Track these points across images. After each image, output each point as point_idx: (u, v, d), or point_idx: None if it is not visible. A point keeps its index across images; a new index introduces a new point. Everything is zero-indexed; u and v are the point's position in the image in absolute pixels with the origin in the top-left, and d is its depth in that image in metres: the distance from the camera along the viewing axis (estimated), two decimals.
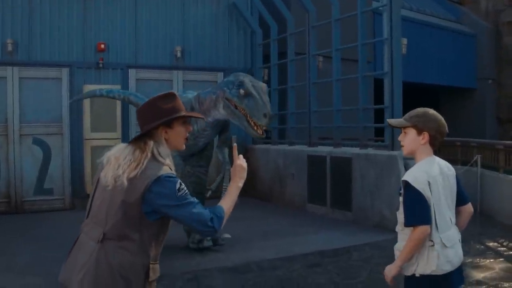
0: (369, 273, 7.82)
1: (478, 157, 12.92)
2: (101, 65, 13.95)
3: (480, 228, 11.40)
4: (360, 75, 12.05)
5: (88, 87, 13.53)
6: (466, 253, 8.71)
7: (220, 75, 15.53)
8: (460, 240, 3.85)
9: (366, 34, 12.42)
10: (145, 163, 3.07)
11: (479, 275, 7.69)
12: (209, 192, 9.23)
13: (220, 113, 8.31)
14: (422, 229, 3.55)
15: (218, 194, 9.06)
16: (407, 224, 3.63)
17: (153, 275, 3.21)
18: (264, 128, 8.00)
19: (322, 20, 13.41)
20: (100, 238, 3.07)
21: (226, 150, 9.29)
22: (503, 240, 9.94)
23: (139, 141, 3.18)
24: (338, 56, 12.82)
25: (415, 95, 25.73)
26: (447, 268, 3.64)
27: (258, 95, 7.90)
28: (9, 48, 12.99)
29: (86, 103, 13.52)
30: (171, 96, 3.30)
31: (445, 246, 3.62)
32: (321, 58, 14.04)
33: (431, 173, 3.66)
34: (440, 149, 15.53)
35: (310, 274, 7.85)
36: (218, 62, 15.61)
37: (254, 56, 16.05)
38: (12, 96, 13.09)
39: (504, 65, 27.33)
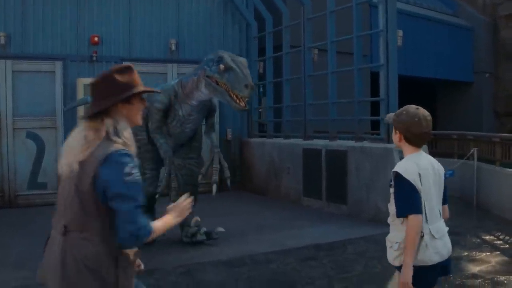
0: (363, 267, 7.75)
1: (474, 150, 12.85)
2: (94, 58, 13.84)
3: (477, 222, 11.38)
4: (355, 67, 11.96)
5: (82, 81, 13.45)
6: (462, 246, 8.78)
7: None
8: (448, 233, 3.88)
9: (361, 26, 12.32)
10: (97, 144, 2.90)
11: (475, 268, 7.64)
12: (200, 176, 9.05)
13: (203, 93, 8.37)
14: (415, 217, 3.55)
15: (207, 179, 9.04)
16: (399, 214, 3.63)
17: (123, 261, 3.01)
18: (246, 99, 8.06)
19: (317, 13, 13.31)
20: (63, 231, 2.92)
21: (214, 135, 9.20)
22: (499, 234, 9.89)
23: (95, 120, 2.97)
24: (333, 48, 12.73)
25: (412, 89, 25.70)
26: (435, 259, 3.68)
27: (238, 68, 7.94)
28: (2, 41, 12.89)
29: (80, 96, 13.37)
30: (128, 69, 3.09)
31: (434, 237, 3.66)
32: (316, 51, 13.94)
33: (422, 165, 3.69)
34: (436, 142, 15.52)
35: (304, 268, 7.77)
36: None
37: (249, 49, 15.93)
38: (5, 90, 12.97)
39: (501, 59, 27.24)
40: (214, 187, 8.72)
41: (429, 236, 3.63)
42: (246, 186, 15.51)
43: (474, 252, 8.50)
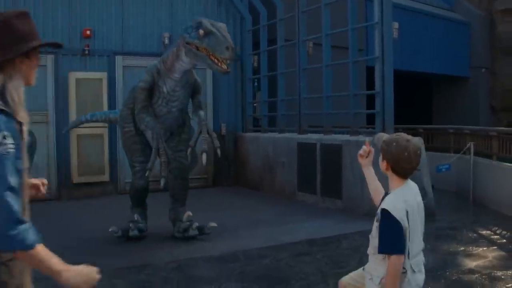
0: (358, 262, 7.56)
1: (471, 145, 12.73)
2: (87, 52, 13.65)
3: (473, 216, 11.27)
4: (350, 60, 11.83)
5: (74, 74, 13.29)
6: (458, 241, 8.66)
7: None
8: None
9: (356, 19, 12.17)
10: None
11: (471, 263, 7.51)
12: (189, 149, 8.87)
13: (184, 61, 8.27)
14: (398, 258, 3.52)
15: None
16: (381, 251, 3.59)
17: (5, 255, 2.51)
18: (228, 62, 7.93)
19: (312, 5, 13.16)
20: None
21: (201, 112, 8.95)
22: (496, 228, 9.77)
23: None
24: (328, 41, 12.59)
25: (408, 83, 25.61)
26: None
27: (218, 31, 7.83)
28: None
29: (72, 91, 13.24)
30: (26, 16, 2.62)
31: (414, 271, 3.65)
32: (311, 44, 13.78)
33: (409, 202, 3.62)
34: (433, 137, 15.40)
35: (298, 263, 7.63)
36: None
37: (243, 43, 15.78)
38: None
39: (498, 54, 27.12)
40: (204, 156, 8.51)
41: (411, 271, 3.62)
42: (240, 180, 15.38)
43: (470, 247, 8.37)
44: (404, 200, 3.59)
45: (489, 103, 27.47)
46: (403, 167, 3.62)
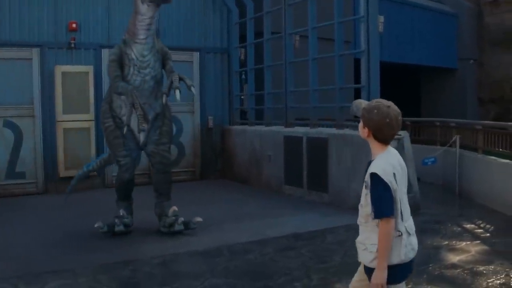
0: (342, 257, 7.63)
1: (457, 138, 12.78)
2: (73, 45, 13.56)
3: (459, 210, 11.35)
4: (336, 54, 11.82)
5: (60, 68, 13.22)
6: (443, 235, 8.73)
7: (196, 55, 15.27)
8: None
9: (343, 13, 12.14)
10: None
11: (454, 258, 7.57)
12: (164, 97, 8.77)
13: (142, 14, 8.45)
14: (390, 220, 3.54)
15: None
16: (377, 216, 3.57)
17: None
18: None
19: None
20: None
21: (175, 75, 8.84)
22: (480, 222, 9.84)
23: None
24: (314, 34, 12.58)
25: (396, 75, 25.66)
26: (411, 255, 3.70)
27: None
28: None
29: (58, 84, 13.17)
30: None
31: (409, 234, 3.69)
32: (297, 37, 13.76)
33: (395, 165, 3.67)
34: (419, 129, 15.45)
35: (282, 258, 7.65)
36: (194, 41, 15.28)
37: (230, 36, 15.74)
38: None
39: (486, 45, 27.21)
40: (177, 93, 8.52)
41: (406, 234, 3.64)
42: (227, 173, 15.40)
43: (454, 241, 8.43)
44: (390, 163, 3.63)
45: (477, 95, 27.60)
46: (385, 133, 3.66)
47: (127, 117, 8.50)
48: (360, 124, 3.75)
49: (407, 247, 3.63)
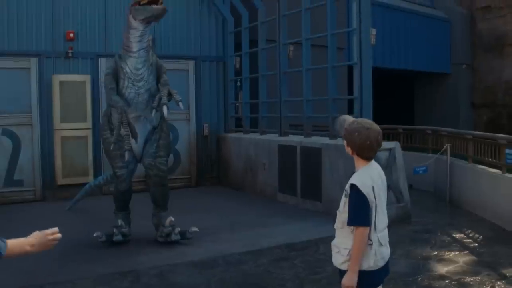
0: (334, 268, 7.81)
1: (447, 146, 13.02)
2: (70, 55, 13.77)
3: (449, 218, 11.53)
4: (329, 65, 12.03)
5: (58, 77, 13.42)
6: (432, 245, 8.93)
7: (191, 64, 15.46)
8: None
9: (336, 24, 12.34)
10: None
11: (442, 268, 7.78)
12: (154, 111, 8.91)
13: (134, 27, 8.59)
14: (364, 229, 3.85)
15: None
16: (350, 223, 3.89)
17: None
18: None
19: (293, 8, 13.33)
20: None
21: (165, 90, 8.97)
22: (469, 231, 10.05)
23: None
24: (308, 45, 12.79)
25: (390, 80, 25.92)
26: (381, 264, 4.00)
27: None
28: None
29: (55, 93, 13.37)
30: None
31: (381, 244, 3.98)
32: (291, 47, 13.99)
33: (374, 179, 3.97)
34: (411, 136, 15.70)
35: (276, 269, 7.86)
36: (190, 50, 15.49)
37: (225, 44, 15.96)
38: None
39: (478, 51, 27.50)
40: (165, 109, 8.70)
41: (377, 244, 3.94)
42: (223, 181, 15.62)
43: (443, 252, 8.64)
44: (370, 176, 3.93)
45: (470, 99, 27.87)
46: (366, 153, 3.97)
47: (115, 135, 8.78)
48: (344, 142, 4.06)
49: (377, 256, 3.93)
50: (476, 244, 9.23)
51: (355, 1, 11.31)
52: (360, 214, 3.85)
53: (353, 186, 3.88)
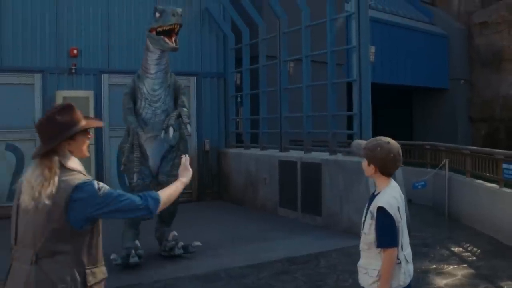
0: (335, 281, 8.00)
1: (446, 161, 13.18)
2: (74, 71, 13.97)
3: (447, 232, 11.66)
4: (329, 82, 12.21)
5: (61, 93, 13.61)
6: (431, 259, 9.07)
7: (193, 80, 15.66)
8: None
9: (335, 41, 12.55)
10: (56, 179, 3.17)
11: (441, 282, 7.91)
12: (163, 132, 8.96)
13: (151, 51, 8.92)
14: (393, 251, 3.91)
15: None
16: (380, 246, 3.94)
17: (92, 279, 3.30)
18: (176, 26, 8.58)
19: (293, 25, 13.54)
20: (33, 259, 3.15)
21: (180, 108, 9.17)
22: (468, 245, 10.19)
23: (45, 160, 3.25)
24: (308, 62, 12.99)
25: (389, 95, 26.11)
26: (408, 281, 4.05)
27: (168, 7, 8.70)
28: None
29: None
30: (68, 108, 3.38)
31: (407, 262, 4.04)
32: (292, 64, 14.20)
33: (398, 199, 4.03)
34: (410, 151, 15.84)
35: (277, 283, 7.99)
36: (191, 66, 15.71)
37: (226, 61, 16.18)
38: None
39: (476, 66, 27.75)
40: (170, 130, 8.82)
41: (405, 262, 4.00)
42: (224, 195, 15.75)
43: (442, 265, 8.78)
44: (394, 197, 3.99)
45: (468, 114, 28.06)
46: (390, 167, 4.02)
47: (125, 157, 8.96)
48: (364, 164, 4.09)
49: (405, 274, 3.99)
50: (475, 258, 9.37)
51: (354, 19, 11.51)
52: (389, 235, 3.91)
53: (380, 209, 3.93)
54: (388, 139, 4.06)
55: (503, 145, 19.88)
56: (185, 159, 3.82)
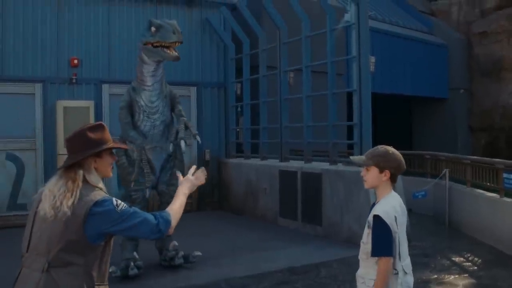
0: None
1: (446, 171, 13.20)
2: (74, 81, 14.01)
3: (448, 242, 11.67)
4: (329, 92, 12.24)
5: (62, 103, 13.63)
6: (432, 269, 9.07)
7: (193, 90, 15.69)
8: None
9: (335, 52, 12.58)
10: (78, 192, 3.23)
11: None
12: (171, 146, 9.06)
13: (147, 62, 8.91)
14: (388, 260, 3.88)
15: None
16: (374, 254, 3.93)
17: None
18: (177, 43, 8.67)
19: (293, 36, 13.59)
20: (45, 267, 3.19)
21: (182, 118, 9.25)
22: (469, 255, 10.19)
23: (69, 172, 3.30)
24: (308, 72, 13.03)
25: (388, 105, 26.12)
26: None
27: (166, 23, 8.64)
28: None
29: (59, 119, 13.55)
30: (100, 127, 3.48)
31: (405, 273, 4.00)
32: (292, 74, 14.23)
33: (397, 209, 4.02)
34: (410, 161, 15.86)
35: None
36: (191, 76, 15.75)
37: (227, 71, 16.22)
38: None
39: (475, 75, 27.76)
40: (182, 143, 8.89)
41: (402, 272, 3.97)
42: (224, 205, 15.75)
43: (443, 275, 8.78)
44: (393, 206, 3.99)
45: (468, 123, 28.07)
46: (402, 169, 4.08)
47: (135, 173, 8.88)
48: (373, 172, 4.06)
49: (403, 285, 3.96)
50: (475, 267, 9.38)
51: (354, 29, 11.55)
52: (384, 244, 3.89)
53: (376, 217, 3.93)
54: (390, 147, 4.12)
55: (503, 155, 19.87)
56: (202, 175, 3.94)
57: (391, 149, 4.08)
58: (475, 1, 28.58)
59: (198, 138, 9.21)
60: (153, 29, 8.61)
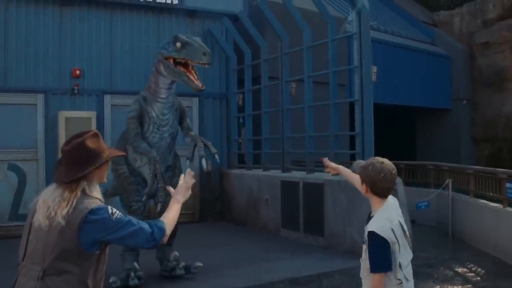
0: None
1: (449, 181, 13.15)
2: (76, 91, 14.02)
3: (451, 253, 11.61)
4: (331, 102, 12.21)
5: (63, 113, 13.63)
6: (435, 279, 9.01)
7: (195, 100, 15.67)
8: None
9: (337, 62, 12.55)
10: (75, 201, 3.22)
11: None
12: (188, 161, 8.81)
13: (165, 76, 8.55)
14: (383, 276, 3.84)
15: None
16: (373, 271, 3.87)
17: None
18: (206, 65, 8.34)
19: (295, 46, 13.60)
20: (40, 275, 3.18)
21: (192, 133, 9.21)
22: (472, 265, 10.13)
23: (70, 183, 3.28)
24: (310, 82, 13.01)
25: (391, 116, 26.12)
26: None
27: (194, 41, 8.25)
28: None
29: (61, 129, 13.55)
30: (97, 136, 3.43)
31: (407, 280, 3.95)
32: (294, 84, 14.20)
33: (393, 220, 3.94)
34: (413, 172, 15.81)
35: None
36: None
37: (228, 82, 16.22)
38: None
39: (478, 86, 27.79)
40: (203, 161, 8.79)
41: (405, 280, 3.92)
42: (226, 216, 15.70)
43: (446, 286, 8.71)
44: (387, 218, 3.91)
45: (471, 134, 28.06)
46: (380, 187, 3.95)
47: (149, 187, 8.75)
48: (359, 182, 4.09)
49: None
50: (479, 278, 9.31)
51: (356, 39, 11.54)
52: (381, 260, 3.85)
53: (370, 234, 3.88)
54: (384, 160, 4.03)
55: (507, 165, 19.80)
56: (190, 178, 3.81)
57: (376, 163, 3.99)
58: (477, 12, 28.65)
59: (217, 157, 9.08)
60: (178, 44, 8.24)
